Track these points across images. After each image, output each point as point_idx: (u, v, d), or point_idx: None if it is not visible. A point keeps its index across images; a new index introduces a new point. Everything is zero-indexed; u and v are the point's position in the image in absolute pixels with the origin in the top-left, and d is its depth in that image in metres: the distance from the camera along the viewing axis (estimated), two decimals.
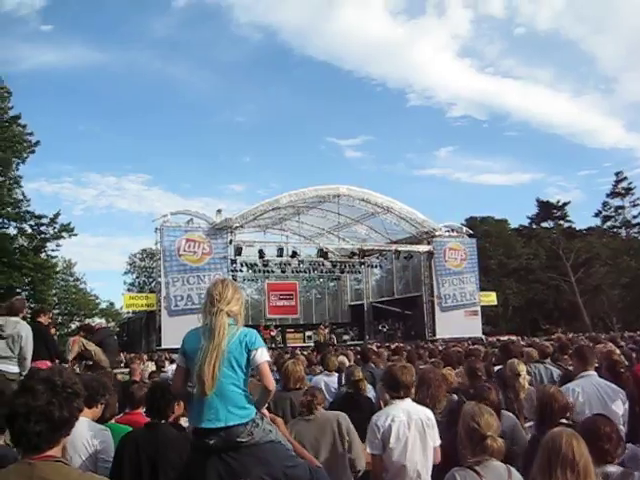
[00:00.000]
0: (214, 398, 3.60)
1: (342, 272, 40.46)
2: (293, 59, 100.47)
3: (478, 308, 36.80)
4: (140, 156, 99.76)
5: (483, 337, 31.90)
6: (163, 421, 4.50)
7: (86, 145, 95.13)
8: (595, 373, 5.99)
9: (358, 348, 15.76)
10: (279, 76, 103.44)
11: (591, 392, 5.61)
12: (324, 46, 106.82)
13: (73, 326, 50.44)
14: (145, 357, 19.42)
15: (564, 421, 4.60)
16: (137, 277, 68.12)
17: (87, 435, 4.26)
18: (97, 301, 61.74)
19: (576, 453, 3.02)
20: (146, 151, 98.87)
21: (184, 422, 4.85)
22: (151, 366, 14.35)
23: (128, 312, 40.52)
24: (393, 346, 17.84)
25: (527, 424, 5.61)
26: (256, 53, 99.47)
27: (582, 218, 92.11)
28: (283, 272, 37.65)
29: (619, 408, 5.53)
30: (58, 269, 51.33)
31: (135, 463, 4.18)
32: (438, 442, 4.77)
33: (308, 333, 37.47)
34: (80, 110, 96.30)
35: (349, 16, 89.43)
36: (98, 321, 59.11)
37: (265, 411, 4.01)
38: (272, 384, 3.82)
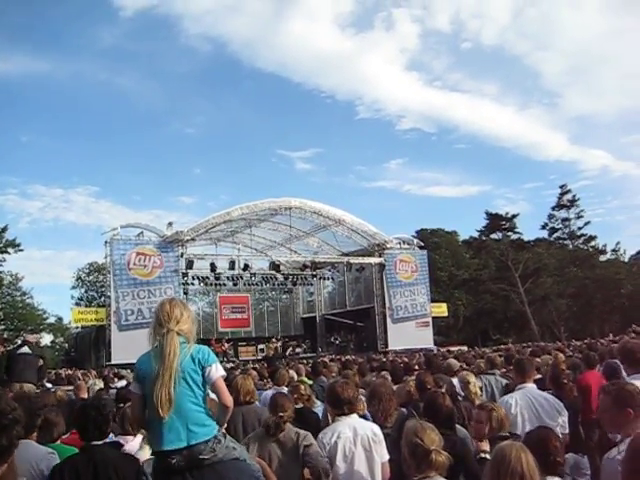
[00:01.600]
0: (173, 419, 3.55)
1: (294, 285, 40.40)
2: (243, 71, 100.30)
3: (429, 319, 37.13)
4: (88, 168, 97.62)
5: (434, 348, 32.19)
6: (100, 442, 4.24)
7: (31, 156, 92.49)
8: (533, 385, 6.07)
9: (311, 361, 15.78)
10: (229, 87, 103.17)
11: (524, 404, 5.68)
12: (273, 58, 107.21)
13: (20, 342, 49.27)
14: (94, 373, 18.97)
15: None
16: (85, 291, 66.81)
17: (32, 460, 4.04)
18: (45, 316, 60.48)
19: (524, 466, 3.04)
20: (94, 163, 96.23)
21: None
22: (99, 383, 13.97)
23: (77, 327, 39.79)
24: (344, 359, 17.88)
25: None
26: (205, 64, 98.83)
27: (529, 229, 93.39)
28: (235, 285, 37.39)
29: (553, 420, 5.62)
30: (4, 283, 50.19)
31: None
32: (386, 457, 4.73)
33: (260, 346, 37.38)
34: (23, 121, 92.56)
35: (298, 28, 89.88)
36: (46, 336, 58.02)
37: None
38: (229, 400, 3.81)
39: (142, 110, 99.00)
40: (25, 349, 11.04)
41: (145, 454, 4.80)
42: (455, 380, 7.68)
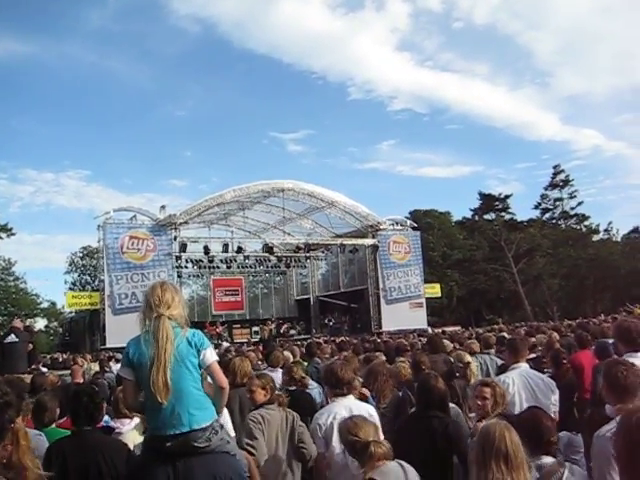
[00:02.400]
0: (173, 404, 3.53)
1: (288, 267, 40.49)
2: (233, 52, 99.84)
3: (423, 300, 37.24)
4: (78, 151, 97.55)
5: (429, 328, 32.27)
6: (90, 427, 4.22)
7: (20, 140, 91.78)
8: (526, 364, 6.12)
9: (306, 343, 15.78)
10: (219, 69, 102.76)
11: (521, 384, 5.70)
12: (264, 39, 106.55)
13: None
14: (89, 357, 18.98)
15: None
16: (79, 276, 66.68)
17: None
18: (39, 301, 60.45)
19: (508, 444, 3.07)
20: (85, 146, 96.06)
21: None
22: (94, 367, 13.98)
23: (71, 311, 39.75)
24: (338, 340, 17.92)
25: (471, 414, 5.65)
26: (196, 46, 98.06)
27: (522, 210, 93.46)
28: (229, 268, 37.46)
29: (548, 399, 5.66)
30: None
31: (65, 474, 3.91)
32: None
33: (255, 328, 37.36)
34: (11, 104, 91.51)
35: (288, 9, 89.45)
36: (40, 321, 57.91)
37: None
38: (225, 381, 3.81)
39: (132, 93, 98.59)
40: (12, 337, 10.89)
41: (136, 438, 4.81)
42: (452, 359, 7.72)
